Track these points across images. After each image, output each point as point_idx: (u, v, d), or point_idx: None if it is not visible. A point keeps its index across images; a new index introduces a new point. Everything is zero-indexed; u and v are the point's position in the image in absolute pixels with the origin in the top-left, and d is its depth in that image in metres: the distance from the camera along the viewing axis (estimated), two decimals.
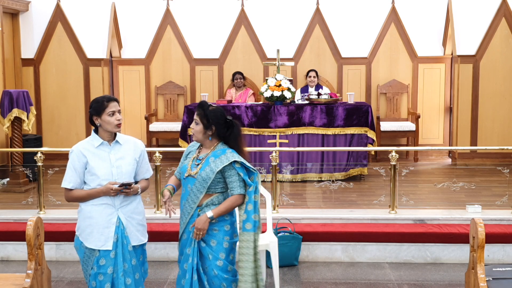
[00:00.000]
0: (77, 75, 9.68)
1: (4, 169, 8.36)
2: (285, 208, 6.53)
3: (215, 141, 3.88)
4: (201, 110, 3.84)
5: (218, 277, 3.82)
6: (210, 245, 3.84)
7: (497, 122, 9.29)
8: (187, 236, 3.89)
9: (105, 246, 3.79)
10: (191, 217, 3.87)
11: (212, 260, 3.82)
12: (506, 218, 6.16)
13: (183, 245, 3.92)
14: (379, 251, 6.01)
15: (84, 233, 3.84)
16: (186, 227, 3.90)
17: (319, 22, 9.89)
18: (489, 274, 4.14)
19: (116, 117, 3.80)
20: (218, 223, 3.85)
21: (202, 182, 3.81)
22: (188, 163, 3.93)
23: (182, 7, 10.01)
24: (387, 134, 9.50)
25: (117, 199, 3.83)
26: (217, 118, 3.83)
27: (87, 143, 3.88)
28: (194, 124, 3.87)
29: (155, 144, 9.82)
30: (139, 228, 3.95)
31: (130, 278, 3.85)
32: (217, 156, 3.83)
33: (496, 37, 9.21)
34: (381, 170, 6.78)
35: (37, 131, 9.59)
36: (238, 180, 3.82)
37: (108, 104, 3.79)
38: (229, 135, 3.87)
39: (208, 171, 3.80)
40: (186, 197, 3.89)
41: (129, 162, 3.88)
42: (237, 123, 3.91)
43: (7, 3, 8.93)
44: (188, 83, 10.06)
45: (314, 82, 9.32)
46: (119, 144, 3.89)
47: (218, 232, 3.85)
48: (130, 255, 3.86)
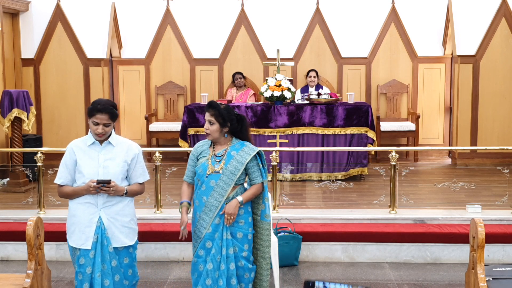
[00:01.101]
0: (77, 75, 9.68)
1: (4, 169, 8.36)
2: (285, 208, 6.53)
3: (229, 136, 4.09)
4: (215, 110, 4.01)
5: (244, 268, 4.01)
6: (237, 237, 4.02)
7: (497, 122, 9.29)
8: (213, 229, 3.98)
9: (84, 245, 3.84)
10: (220, 210, 3.99)
11: (238, 252, 4.00)
12: (506, 218, 6.17)
13: (208, 238, 3.99)
14: (379, 251, 6.01)
15: (69, 231, 3.92)
16: (213, 221, 3.99)
17: (319, 22, 9.89)
18: (489, 274, 4.14)
19: (97, 128, 3.84)
20: (244, 215, 4.04)
21: (230, 175, 3.98)
22: (206, 161, 4.04)
23: (182, 7, 10.01)
24: (387, 134, 9.50)
25: (100, 199, 3.86)
26: (230, 115, 4.04)
27: (81, 141, 3.97)
28: (208, 125, 4.03)
29: (155, 144, 9.82)
30: (123, 230, 3.93)
31: (108, 280, 3.84)
32: (237, 149, 4.05)
33: (496, 37, 9.21)
34: (381, 170, 6.78)
35: (37, 131, 9.59)
36: (259, 170, 4.05)
37: (95, 114, 3.83)
38: (241, 128, 4.09)
39: (235, 163, 3.99)
40: (210, 193, 3.99)
41: (118, 163, 3.91)
42: (245, 117, 4.15)
43: (7, 3, 8.93)
44: (188, 83, 10.06)
45: (314, 82, 9.32)
46: (111, 145, 3.93)
47: (244, 224, 4.04)
48: (110, 256, 3.85)
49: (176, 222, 6.23)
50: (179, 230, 4.13)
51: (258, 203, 4.13)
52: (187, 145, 8.16)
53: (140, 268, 5.75)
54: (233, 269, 3.97)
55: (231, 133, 4.09)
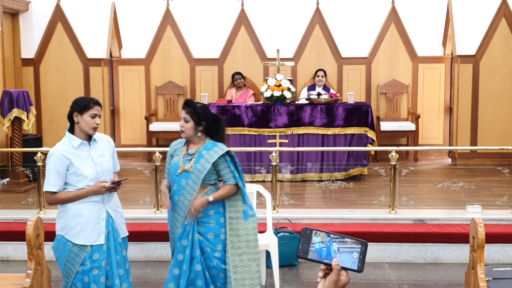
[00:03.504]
0: (77, 75, 9.68)
1: (4, 169, 8.36)
2: (285, 208, 6.54)
3: (203, 136, 4.08)
4: (191, 108, 4.03)
5: (216, 268, 3.98)
6: (208, 238, 3.98)
7: (497, 122, 9.29)
8: (183, 229, 4.00)
9: (98, 241, 3.87)
10: (189, 211, 3.98)
11: (210, 252, 3.97)
12: (506, 218, 6.17)
13: (178, 239, 4.02)
14: (379, 251, 6.01)
15: (73, 231, 3.86)
16: (183, 222, 4.00)
17: (319, 22, 9.89)
18: (489, 274, 4.14)
19: (95, 121, 3.89)
20: (214, 216, 4.01)
21: (197, 174, 3.97)
22: (178, 160, 4.06)
23: (182, 7, 10.01)
24: (387, 134, 9.50)
25: (105, 195, 3.94)
26: (206, 114, 4.05)
27: (66, 145, 3.91)
28: (183, 122, 4.04)
29: (155, 144, 9.82)
30: (123, 220, 4.08)
31: (122, 269, 3.97)
32: (209, 149, 4.02)
33: (496, 37, 9.21)
34: (381, 170, 6.78)
35: (37, 131, 9.59)
36: (230, 171, 4.01)
37: (94, 106, 3.88)
38: (216, 129, 4.08)
39: (203, 162, 3.98)
40: (181, 192, 4.00)
41: (108, 158, 4.00)
42: (222, 118, 4.16)
43: (7, 3, 8.92)
44: (188, 83, 10.06)
45: (322, 81, 9.29)
46: (96, 142, 3.98)
47: (215, 225, 4.00)
48: (120, 247, 3.98)
49: None
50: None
51: (236, 205, 4.05)
52: None
53: (140, 268, 5.78)
54: (199, 270, 3.91)
55: (206, 133, 4.08)
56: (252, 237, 4.07)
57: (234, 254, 3.98)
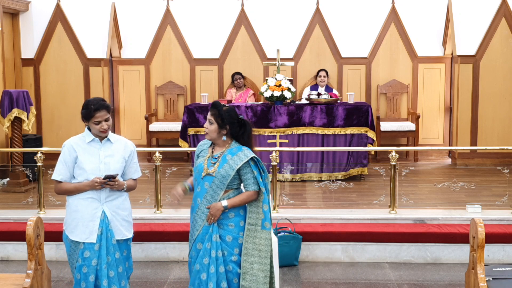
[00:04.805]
0: (77, 75, 9.69)
1: (4, 169, 8.36)
2: (285, 208, 6.54)
3: (228, 139, 4.01)
4: (216, 110, 3.96)
5: (232, 272, 3.93)
6: (226, 241, 3.93)
7: (497, 122, 9.29)
8: (204, 231, 3.94)
9: (89, 239, 3.92)
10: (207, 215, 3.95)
11: (227, 255, 3.92)
12: (506, 218, 6.17)
13: (199, 240, 3.96)
14: (379, 251, 6.01)
15: (70, 226, 3.97)
16: (204, 224, 3.96)
17: (319, 22, 9.89)
18: (489, 274, 4.14)
19: (101, 126, 3.93)
20: (234, 218, 3.95)
21: (221, 179, 3.92)
22: (203, 162, 4.01)
23: (182, 7, 10.01)
24: (387, 134, 9.50)
25: (102, 194, 3.96)
26: (231, 118, 3.96)
27: (79, 139, 4.02)
28: (208, 124, 3.98)
29: (155, 144, 9.82)
30: (124, 223, 4.07)
31: (113, 271, 3.96)
32: (233, 153, 3.95)
33: (496, 37, 9.21)
34: (381, 170, 6.78)
35: (37, 131, 9.59)
36: (253, 177, 3.93)
37: (95, 113, 3.91)
38: (242, 133, 4.00)
39: (227, 168, 3.91)
40: (203, 195, 3.97)
41: (118, 160, 4.02)
42: (249, 122, 4.06)
43: (7, 3, 8.93)
44: (188, 83, 10.06)
45: (324, 81, 9.31)
46: (110, 142, 4.03)
47: (234, 227, 3.95)
48: (114, 248, 3.97)
49: (176, 222, 6.24)
50: (179, 230, 4.14)
51: (257, 212, 3.96)
52: (187, 145, 8.16)
53: (140, 268, 5.78)
54: (223, 272, 3.89)
55: (232, 137, 4.01)
56: (264, 248, 3.94)
57: (246, 261, 3.92)
